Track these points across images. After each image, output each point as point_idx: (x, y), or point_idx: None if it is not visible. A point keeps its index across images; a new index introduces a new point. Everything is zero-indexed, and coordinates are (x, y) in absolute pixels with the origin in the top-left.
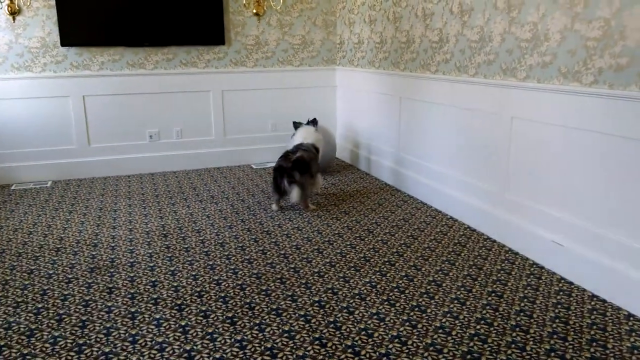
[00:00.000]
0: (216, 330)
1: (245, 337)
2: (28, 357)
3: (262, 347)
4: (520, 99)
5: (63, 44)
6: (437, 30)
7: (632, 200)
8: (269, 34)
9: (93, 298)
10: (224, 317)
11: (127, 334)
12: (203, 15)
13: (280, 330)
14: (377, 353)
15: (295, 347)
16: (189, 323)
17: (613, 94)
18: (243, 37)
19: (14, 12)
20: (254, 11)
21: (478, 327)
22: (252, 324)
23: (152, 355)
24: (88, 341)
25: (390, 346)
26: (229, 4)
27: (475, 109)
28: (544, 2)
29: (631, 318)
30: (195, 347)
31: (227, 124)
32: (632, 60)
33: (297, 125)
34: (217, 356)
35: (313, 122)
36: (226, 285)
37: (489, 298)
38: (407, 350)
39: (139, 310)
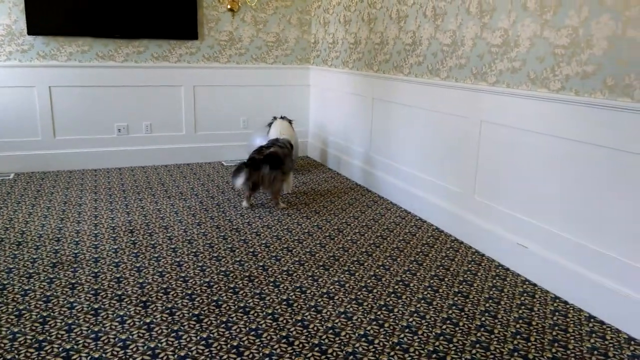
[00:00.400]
0: (182, 327)
1: (211, 335)
2: None
3: (229, 345)
4: (489, 103)
5: (30, 32)
6: (410, 33)
7: (593, 204)
8: (243, 30)
9: (55, 294)
10: (190, 314)
11: (89, 331)
12: (176, 8)
13: (247, 329)
14: (344, 352)
15: (262, 345)
16: (154, 320)
17: (579, 101)
18: (216, 32)
19: None
20: (229, 7)
21: (444, 326)
22: (218, 321)
23: (115, 352)
24: (49, 337)
25: (357, 345)
26: None
27: (445, 112)
28: (515, 9)
29: (592, 320)
30: (160, 345)
31: (198, 119)
32: (598, 68)
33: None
34: (182, 354)
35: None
36: (193, 282)
37: (455, 298)
38: (373, 349)
39: (102, 306)
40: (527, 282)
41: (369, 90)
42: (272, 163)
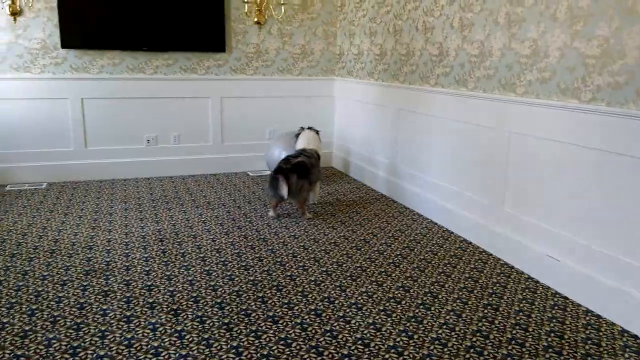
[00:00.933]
0: (212, 336)
1: (241, 344)
2: (22, 358)
3: (259, 354)
4: (518, 114)
5: (63, 46)
6: (437, 44)
7: (626, 216)
8: (270, 42)
9: (88, 301)
10: (220, 323)
11: (122, 338)
12: (204, 22)
13: (277, 338)
14: None
15: (291, 355)
16: (185, 328)
17: (610, 112)
18: (244, 45)
19: (15, 13)
20: (255, 20)
21: (474, 339)
22: (248, 330)
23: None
24: (83, 344)
25: (387, 356)
26: (231, 11)
27: (473, 123)
28: (544, 20)
29: (625, 334)
30: (191, 353)
31: (224, 130)
32: (630, 78)
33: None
34: None
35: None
36: (222, 291)
37: (485, 311)
38: None
39: (134, 314)
40: (557, 295)
41: (394, 101)
42: (299, 172)
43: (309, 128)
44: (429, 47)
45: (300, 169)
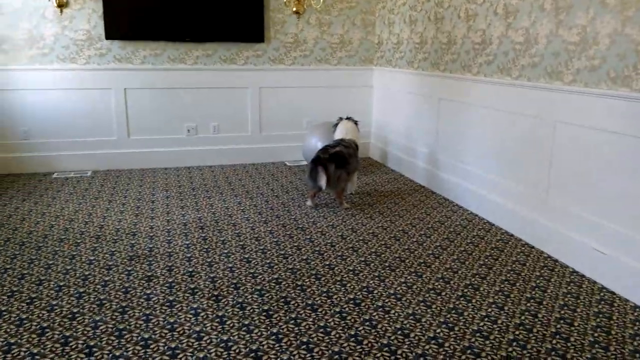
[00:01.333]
0: (252, 322)
1: (281, 330)
2: (70, 339)
3: (298, 341)
4: (565, 103)
5: (107, 37)
6: (480, 32)
7: None
8: (308, 32)
9: (132, 285)
10: (260, 309)
11: (165, 322)
12: (244, 12)
13: (316, 326)
14: (414, 353)
15: (331, 342)
16: (225, 314)
17: None
18: (282, 35)
19: (62, 5)
20: (294, 9)
21: (517, 332)
22: (287, 317)
23: (190, 344)
24: (128, 327)
25: (427, 347)
26: (270, 2)
27: (517, 112)
28: (593, 5)
29: None
30: (232, 338)
31: (263, 120)
32: None
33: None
34: (254, 347)
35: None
36: (262, 278)
37: (528, 304)
38: (444, 352)
39: (177, 299)
40: (604, 290)
41: (435, 90)
42: (337, 162)
43: (348, 118)
44: (472, 35)
45: (338, 159)
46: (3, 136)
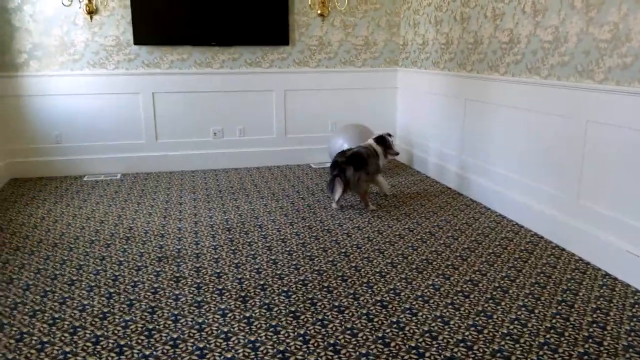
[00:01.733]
0: (279, 323)
1: (308, 332)
2: (101, 338)
3: (325, 343)
4: (596, 102)
5: (136, 42)
6: (507, 31)
7: None
8: (333, 34)
9: (161, 286)
10: (287, 310)
11: (194, 322)
12: (269, 16)
13: (343, 327)
14: (442, 356)
15: (358, 344)
16: (253, 315)
17: None
18: (307, 37)
19: (92, 12)
20: (319, 12)
21: (548, 336)
22: (314, 319)
23: (218, 344)
24: (157, 326)
25: (456, 350)
26: (294, 4)
27: (546, 112)
28: (625, 2)
29: None
30: (259, 339)
31: (288, 123)
32: None
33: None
34: (281, 348)
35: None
36: (288, 280)
37: (559, 307)
38: (473, 355)
39: (204, 299)
40: (638, 293)
41: (461, 91)
42: (355, 164)
43: (387, 135)
44: (499, 35)
45: (357, 160)
46: (36, 140)
